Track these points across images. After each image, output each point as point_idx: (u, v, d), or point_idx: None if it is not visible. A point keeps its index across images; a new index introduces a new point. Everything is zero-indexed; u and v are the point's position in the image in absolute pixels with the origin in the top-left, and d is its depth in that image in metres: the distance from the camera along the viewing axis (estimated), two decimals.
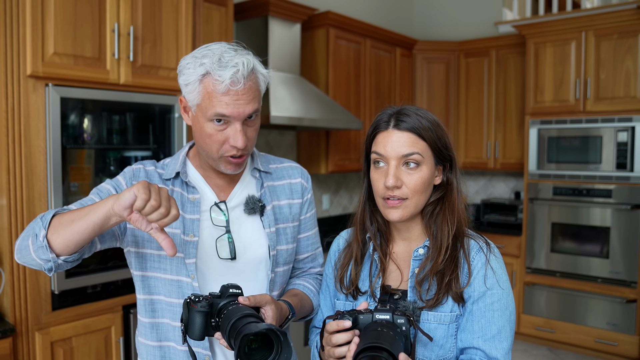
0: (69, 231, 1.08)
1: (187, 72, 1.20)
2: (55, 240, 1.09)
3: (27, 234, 1.13)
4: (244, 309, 1.08)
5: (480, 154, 4.81)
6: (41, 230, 1.09)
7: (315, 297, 1.42)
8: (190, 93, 1.21)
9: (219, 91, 1.16)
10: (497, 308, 1.15)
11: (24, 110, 2.12)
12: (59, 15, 2.16)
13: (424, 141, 1.17)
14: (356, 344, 1.00)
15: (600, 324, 3.93)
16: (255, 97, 1.21)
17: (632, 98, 3.77)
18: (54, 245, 1.09)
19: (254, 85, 1.21)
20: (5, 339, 2.08)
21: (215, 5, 3.02)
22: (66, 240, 1.08)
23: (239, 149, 1.21)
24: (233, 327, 1.04)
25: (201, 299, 1.11)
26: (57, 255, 1.10)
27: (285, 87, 3.40)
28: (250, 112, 1.20)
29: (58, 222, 1.09)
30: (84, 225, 1.06)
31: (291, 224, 1.41)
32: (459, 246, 1.20)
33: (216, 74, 1.16)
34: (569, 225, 4.09)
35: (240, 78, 1.16)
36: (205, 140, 1.22)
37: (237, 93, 1.17)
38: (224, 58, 1.17)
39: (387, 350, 0.95)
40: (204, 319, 1.11)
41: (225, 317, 1.08)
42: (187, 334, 1.13)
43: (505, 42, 4.61)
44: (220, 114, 1.18)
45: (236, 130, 1.19)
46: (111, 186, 1.29)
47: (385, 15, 5.07)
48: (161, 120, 2.69)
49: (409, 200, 1.16)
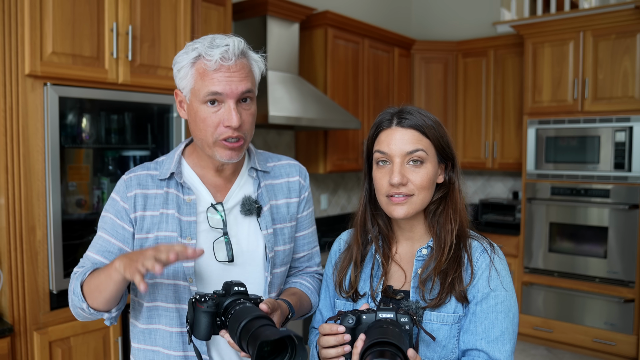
0: (102, 297, 1.19)
1: (180, 59, 1.23)
2: (98, 306, 1.22)
3: (75, 308, 1.27)
4: (253, 310, 1.06)
5: (478, 153, 4.82)
6: (83, 303, 1.22)
7: (313, 295, 1.42)
8: (184, 78, 1.22)
9: (211, 69, 1.17)
10: (501, 310, 1.14)
11: (22, 109, 2.11)
12: (58, 15, 2.16)
13: (427, 139, 1.17)
14: (362, 340, 1.00)
15: (598, 323, 3.93)
16: (247, 76, 1.21)
17: (629, 98, 3.78)
18: (100, 309, 1.23)
19: (246, 65, 1.22)
20: (4, 338, 2.07)
21: (214, 4, 3.02)
22: (104, 303, 1.20)
23: (234, 129, 1.20)
24: (245, 329, 1.01)
25: (207, 299, 1.09)
26: (107, 311, 1.25)
27: (283, 87, 3.39)
28: (243, 89, 1.19)
29: (89, 291, 1.21)
30: (110, 291, 1.17)
31: (289, 223, 1.39)
32: (461, 246, 1.19)
33: (207, 54, 1.18)
34: (566, 225, 4.10)
35: (231, 55, 1.18)
36: (200, 125, 1.21)
37: (229, 69, 1.18)
38: (215, 40, 1.20)
39: (395, 345, 0.94)
40: (210, 319, 1.09)
41: (235, 318, 1.06)
42: (193, 334, 1.11)
43: (504, 42, 4.61)
44: (214, 92, 1.18)
45: (230, 109, 1.19)
46: (112, 214, 1.29)
47: (383, 15, 5.07)
48: (159, 120, 2.69)
49: (415, 196, 1.16)
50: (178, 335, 1.26)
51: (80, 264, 1.30)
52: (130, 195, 1.28)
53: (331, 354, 1.06)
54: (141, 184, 1.29)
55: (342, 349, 1.04)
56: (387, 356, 0.93)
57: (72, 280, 1.26)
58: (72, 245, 2.33)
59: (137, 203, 1.27)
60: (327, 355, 1.06)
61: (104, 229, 1.29)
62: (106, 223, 1.29)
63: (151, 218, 1.27)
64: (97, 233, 1.31)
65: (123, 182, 1.31)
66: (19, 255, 2.13)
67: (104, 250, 1.27)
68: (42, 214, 2.18)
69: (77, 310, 1.26)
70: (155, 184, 1.30)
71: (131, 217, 1.27)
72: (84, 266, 1.28)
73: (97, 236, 1.31)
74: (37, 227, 2.17)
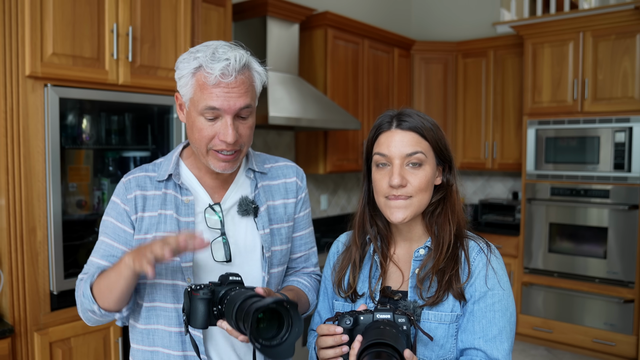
0: (114, 296, 1.19)
1: (181, 66, 1.22)
2: (109, 306, 1.22)
3: (85, 312, 1.26)
4: (246, 292, 1.06)
5: (478, 154, 4.82)
6: (94, 305, 1.22)
7: (311, 293, 1.43)
8: (184, 87, 1.22)
9: (210, 83, 1.17)
10: (498, 309, 1.15)
11: (22, 110, 2.11)
12: (58, 16, 2.16)
13: (426, 141, 1.19)
14: (359, 342, 1.00)
15: (597, 324, 3.94)
16: (247, 91, 1.21)
17: (629, 98, 3.78)
18: (111, 309, 1.23)
19: (247, 80, 1.21)
20: (4, 339, 2.07)
21: (214, 5, 3.03)
22: (116, 302, 1.21)
23: (228, 144, 1.20)
24: (240, 309, 1.02)
25: (202, 287, 1.10)
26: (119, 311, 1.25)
27: (283, 88, 3.40)
28: (241, 106, 1.19)
29: (99, 292, 1.21)
30: (121, 288, 1.18)
31: (285, 224, 1.40)
32: (458, 245, 1.21)
33: (208, 66, 1.17)
34: (566, 226, 4.10)
35: (232, 71, 1.17)
36: (195, 134, 1.22)
37: (227, 86, 1.17)
38: (218, 52, 1.19)
39: (391, 346, 0.95)
40: (206, 306, 1.10)
41: (229, 303, 1.06)
42: (190, 324, 1.12)
43: (503, 43, 4.61)
44: (211, 107, 1.18)
45: (226, 125, 1.19)
46: (113, 218, 1.30)
47: (383, 15, 5.08)
48: (160, 121, 2.70)
49: (414, 198, 1.17)
50: (177, 335, 1.27)
51: (85, 270, 1.32)
52: (131, 197, 1.29)
53: (329, 354, 1.07)
54: (140, 186, 1.30)
55: (339, 350, 1.06)
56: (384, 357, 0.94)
57: (80, 285, 1.27)
58: (73, 246, 2.34)
59: (138, 204, 1.29)
60: (325, 355, 1.07)
61: (105, 234, 1.30)
62: (107, 227, 1.31)
63: (149, 219, 1.28)
64: (99, 238, 1.32)
65: (122, 185, 1.32)
66: (20, 256, 2.14)
67: (107, 255, 1.29)
68: (42, 215, 2.18)
69: (87, 314, 1.26)
70: (153, 185, 1.31)
71: (132, 219, 1.28)
72: (89, 272, 1.29)
73: (99, 241, 1.32)
74: (38, 228, 2.17)
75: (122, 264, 1.13)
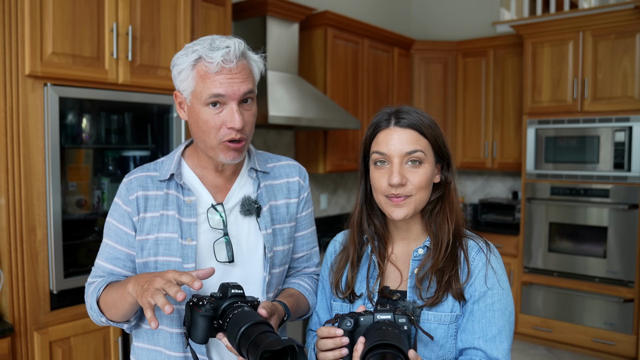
0: (119, 313, 1.23)
1: (179, 61, 1.23)
2: (117, 319, 1.26)
3: (94, 318, 1.30)
4: (252, 315, 1.04)
5: (477, 153, 4.82)
6: (102, 317, 1.27)
7: (311, 296, 1.42)
8: (184, 81, 1.22)
9: (212, 71, 1.17)
10: (498, 308, 1.15)
11: (22, 110, 2.11)
12: (58, 15, 2.16)
13: (425, 138, 1.18)
14: (362, 343, 0.99)
15: (597, 323, 3.94)
16: (249, 77, 1.22)
17: (629, 98, 3.78)
18: (119, 321, 1.27)
19: (247, 67, 1.22)
20: (4, 338, 2.07)
21: (214, 4, 3.02)
22: (122, 317, 1.25)
23: (237, 131, 1.20)
24: (244, 336, 1.00)
25: (205, 302, 1.09)
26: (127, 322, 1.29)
27: (283, 87, 3.40)
28: (245, 90, 1.20)
29: (106, 307, 1.25)
30: (126, 309, 1.21)
31: (288, 224, 1.40)
32: (457, 245, 1.20)
33: (208, 56, 1.18)
34: (566, 225, 4.10)
35: (233, 57, 1.18)
36: (202, 127, 1.22)
37: (230, 71, 1.18)
38: (215, 42, 1.20)
39: (395, 346, 0.94)
40: (208, 322, 1.08)
41: (233, 322, 1.04)
42: (190, 338, 1.11)
43: (503, 42, 4.61)
44: (216, 94, 1.18)
45: (232, 111, 1.19)
46: (115, 220, 1.31)
47: (383, 15, 5.08)
48: (159, 120, 2.69)
49: (414, 196, 1.16)
50: (179, 336, 1.27)
51: (92, 273, 1.34)
52: (132, 198, 1.29)
53: (329, 357, 1.06)
54: (142, 186, 1.30)
55: (339, 352, 1.04)
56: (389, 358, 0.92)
57: (87, 295, 1.31)
58: (73, 246, 2.34)
59: (140, 205, 1.28)
60: (325, 358, 1.06)
61: (109, 236, 1.32)
62: (110, 229, 1.32)
63: (151, 219, 1.28)
64: (104, 240, 1.33)
65: (124, 186, 1.32)
66: (19, 255, 2.14)
67: (112, 258, 1.30)
68: (42, 214, 2.18)
69: (97, 319, 1.31)
70: (155, 185, 1.30)
71: (133, 220, 1.28)
72: (96, 275, 1.32)
73: (103, 243, 1.33)
74: (38, 227, 2.17)
75: (125, 291, 1.16)
